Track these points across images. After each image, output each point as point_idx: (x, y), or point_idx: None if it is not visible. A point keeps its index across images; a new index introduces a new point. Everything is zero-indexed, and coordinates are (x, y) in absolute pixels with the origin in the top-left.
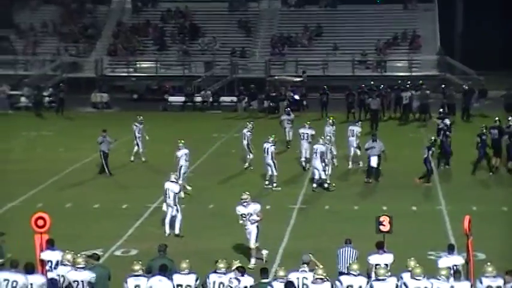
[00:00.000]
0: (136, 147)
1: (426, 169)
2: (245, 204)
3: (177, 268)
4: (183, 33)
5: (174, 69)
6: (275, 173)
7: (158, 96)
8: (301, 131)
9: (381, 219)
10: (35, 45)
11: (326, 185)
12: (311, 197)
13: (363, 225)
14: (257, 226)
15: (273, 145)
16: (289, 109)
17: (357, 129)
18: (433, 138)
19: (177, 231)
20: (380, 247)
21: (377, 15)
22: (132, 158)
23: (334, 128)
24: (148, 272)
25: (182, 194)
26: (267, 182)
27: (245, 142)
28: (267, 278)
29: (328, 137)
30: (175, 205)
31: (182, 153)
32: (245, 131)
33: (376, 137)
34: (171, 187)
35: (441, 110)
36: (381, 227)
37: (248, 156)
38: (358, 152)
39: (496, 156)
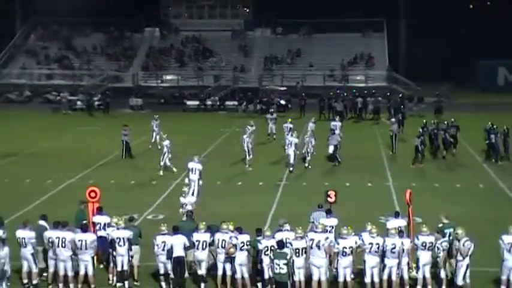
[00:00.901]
0: (153, 139)
1: (417, 154)
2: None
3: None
4: (198, 54)
5: (191, 81)
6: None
7: (179, 100)
8: (285, 125)
9: (329, 192)
10: (88, 62)
11: (291, 169)
12: (292, 176)
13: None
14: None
15: (248, 136)
16: (272, 110)
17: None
18: (420, 129)
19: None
20: (328, 213)
21: (342, 41)
22: (150, 146)
23: (314, 125)
24: (176, 231)
25: (175, 169)
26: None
27: (245, 145)
28: (260, 236)
29: (309, 131)
30: (199, 179)
31: (166, 143)
32: (245, 136)
33: (334, 132)
34: (196, 166)
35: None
36: (328, 199)
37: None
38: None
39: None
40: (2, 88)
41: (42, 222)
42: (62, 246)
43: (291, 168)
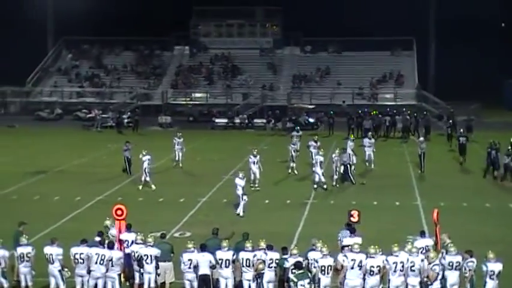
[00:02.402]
0: (176, 157)
1: (493, 168)
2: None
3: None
4: (227, 72)
5: (220, 99)
6: (258, 177)
7: (208, 118)
8: (309, 143)
9: (352, 212)
10: (118, 80)
11: (325, 186)
12: (320, 194)
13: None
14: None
15: (255, 156)
16: (298, 128)
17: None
18: (493, 141)
19: (241, 213)
20: (352, 232)
21: (371, 59)
22: (174, 164)
23: (353, 143)
24: (204, 249)
25: (153, 186)
26: (252, 184)
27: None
28: (286, 254)
29: (349, 150)
30: (243, 194)
31: (146, 158)
32: (250, 159)
33: (345, 150)
34: (239, 182)
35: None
36: (351, 218)
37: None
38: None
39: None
40: (33, 106)
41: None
42: (100, 263)
43: (325, 186)
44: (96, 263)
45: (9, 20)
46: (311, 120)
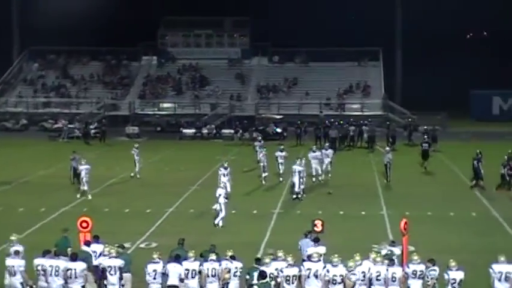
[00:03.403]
0: (135, 167)
1: (503, 181)
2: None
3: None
4: (195, 82)
5: (188, 109)
6: (229, 190)
7: (175, 129)
8: (276, 153)
9: (315, 222)
10: (85, 91)
11: (300, 196)
12: (287, 204)
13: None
14: None
15: (226, 169)
16: (260, 138)
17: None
18: (478, 151)
19: (220, 223)
20: (316, 241)
21: (338, 70)
22: (132, 174)
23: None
24: (176, 260)
25: (90, 196)
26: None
27: (225, 179)
28: (259, 265)
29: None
30: (222, 204)
31: (83, 167)
32: (221, 171)
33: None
34: (220, 192)
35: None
36: (315, 228)
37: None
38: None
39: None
40: None
41: (86, 248)
42: (55, 274)
43: (297, 196)
44: (50, 274)
45: None
46: (279, 130)
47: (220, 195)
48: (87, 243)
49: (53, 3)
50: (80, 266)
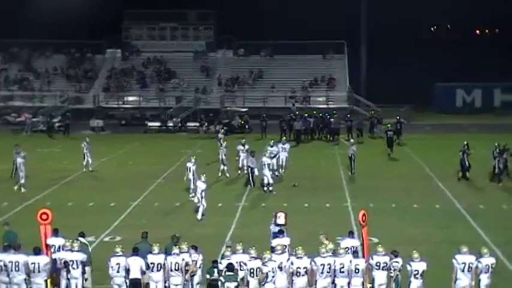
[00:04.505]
0: (84, 161)
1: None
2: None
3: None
4: (160, 75)
5: (153, 102)
6: (192, 186)
7: (140, 122)
8: (238, 147)
9: (278, 214)
10: (48, 84)
11: (271, 188)
12: (251, 197)
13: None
14: None
15: (195, 164)
16: (223, 130)
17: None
18: (465, 142)
19: (199, 217)
20: (280, 233)
21: (303, 63)
22: (84, 170)
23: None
24: (135, 253)
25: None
26: (191, 195)
27: (190, 174)
28: (216, 268)
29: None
30: (202, 198)
31: (20, 160)
32: (189, 164)
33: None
34: (200, 185)
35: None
36: (277, 220)
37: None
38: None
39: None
40: None
41: (82, 240)
42: (15, 269)
43: (270, 188)
44: (11, 270)
45: None
46: (242, 122)
47: (201, 189)
48: (56, 234)
49: None
50: (43, 259)
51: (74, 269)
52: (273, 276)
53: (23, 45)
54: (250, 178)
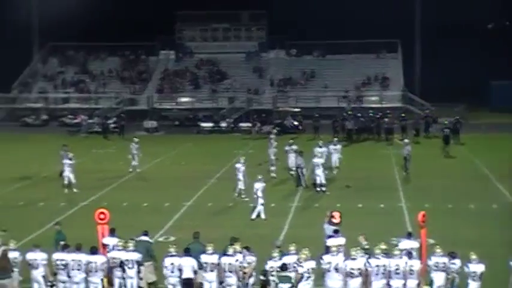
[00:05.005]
0: (133, 161)
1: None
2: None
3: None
4: (212, 76)
5: (205, 103)
6: (243, 187)
7: (193, 123)
8: (286, 147)
9: (333, 213)
10: (103, 86)
11: (324, 189)
12: (304, 198)
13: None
14: None
15: (244, 164)
16: (276, 131)
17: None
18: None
19: (263, 216)
20: (335, 232)
21: (356, 62)
22: (130, 170)
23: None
24: (187, 253)
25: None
26: (236, 194)
27: (240, 174)
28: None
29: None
30: (258, 198)
31: (68, 162)
32: (238, 165)
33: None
34: (256, 185)
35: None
36: (332, 219)
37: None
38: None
39: None
40: (19, 112)
41: (145, 238)
42: (77, 269)
43: (323, 189)
44: (73, 269)
45: None
46: (296, 123)
47: (256, 189)
48: (112, 234)
49: None
50: (100, 259)
51: (129, 268)
52: (309, 277)
53: (79, 48)
54: (300, 178)
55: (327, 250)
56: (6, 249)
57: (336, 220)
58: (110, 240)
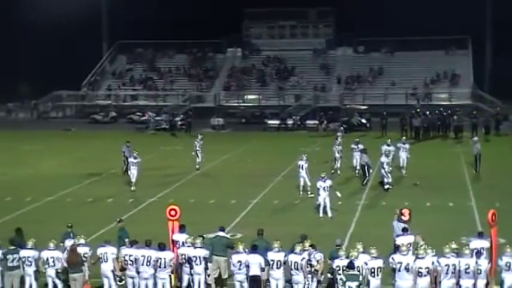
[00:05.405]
0: (197, 158)
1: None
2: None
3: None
4: (279, 73)
5: (272, 100)
6: (308, 184)
7: (260, 120)
8: (352, 146)
9: (402, 211)
10: (171, 83)
11: (389, 187)
12: (371, 196)
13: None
14: None
15: (306, 161)
16: (342, 128)
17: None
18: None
19: (326, 214)
20: (404, 230)
21: (425, 59)
22: (197, 167)
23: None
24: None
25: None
26: (301, 192)
27: (303, 172)
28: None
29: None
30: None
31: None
32: (301, 162)
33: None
34: (320, 183)
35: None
36: (402, 217)
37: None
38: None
39: None
40: (88, 109)
41: (222, 234)
42: (146, 264)
43: (389, 186)
44: (142, 264)
45: (65, 25)
46: (363, 121)
47: (321, 187)
48: (182, 230)
49: None
50: (168, 255)
51: (196, 265)
52: (339, 273)
53: (147, 46)
54: (366, 175)
55: (396, 249)
56: (76, 244)
57: (405, 217)
58: (180, 237)
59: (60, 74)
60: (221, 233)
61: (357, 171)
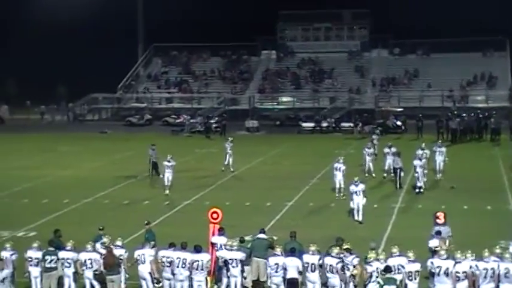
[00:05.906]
0: (226, 161)
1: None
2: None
3: (305, 250)
4: (313, 75)
5: (307, 103)
6: (343, 186)
7: (294, 122)
8: (384, 150)
9: (437, 214)
10: (206, 86)
11: (422, 190)
12: (407, 199)
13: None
14: None
15: (344, 163)
16: (378, 131)
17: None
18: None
19: (360, 218)
20: (437, 233)
21: (461, 61)
22: (222, 168)
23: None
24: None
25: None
26: (337, 195)
27: (340, 174)
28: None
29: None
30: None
31: (167, 164)
32: (337, 164)
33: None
34: (354, 188)
35: None
36: (437, 220)
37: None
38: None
39: None
40: (124, 112)
41: (262, 236)
42: (182, 266)
43: (422, 190)
44: (177, 266)
45: (101, 29)
46: (399, 123)
47: (355, 191)
48: (221, 232)
49: (175, 0)
50: (205, 257)
51: (233, 267)
52: (377, 277)
53: (182, 49)
54: (397, 179)
55: (434, 253)
56: (112, 246)
57: (440, 221)
58: (219, 239)
59: (96, 77)
60: (262, 235)
61: (385, 175)
